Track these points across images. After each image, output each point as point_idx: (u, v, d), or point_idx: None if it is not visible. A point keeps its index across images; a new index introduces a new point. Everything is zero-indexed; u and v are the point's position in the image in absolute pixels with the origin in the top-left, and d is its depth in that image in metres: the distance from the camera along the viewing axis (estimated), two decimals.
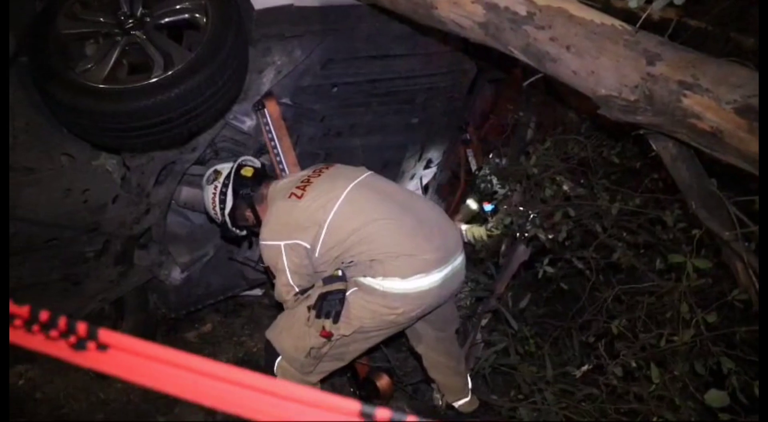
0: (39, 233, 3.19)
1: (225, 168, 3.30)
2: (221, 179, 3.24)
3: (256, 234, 3.23)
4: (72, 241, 3.35)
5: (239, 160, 3.33)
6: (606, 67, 2.37)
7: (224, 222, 3.27)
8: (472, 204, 5.72)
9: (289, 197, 3.06)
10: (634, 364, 2.87)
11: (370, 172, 3.32)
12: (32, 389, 3.62)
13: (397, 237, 2.99)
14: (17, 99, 2.87)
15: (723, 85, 2.08)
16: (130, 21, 2.89)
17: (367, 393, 3.71)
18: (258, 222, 3.24)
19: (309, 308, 3.02)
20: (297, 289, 3.06)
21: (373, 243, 2.97)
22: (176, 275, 4.05)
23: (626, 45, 2.34)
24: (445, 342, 3.59)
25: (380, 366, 3.81)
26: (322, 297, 2.99)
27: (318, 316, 2.98)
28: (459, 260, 3.18)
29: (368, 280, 2.98)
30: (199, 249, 4.13)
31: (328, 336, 3.00)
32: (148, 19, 2.92)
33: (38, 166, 2.97)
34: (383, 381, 3.71)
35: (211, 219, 3.45)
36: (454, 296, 3.41)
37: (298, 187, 3.10)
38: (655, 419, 2.81)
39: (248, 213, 3.27)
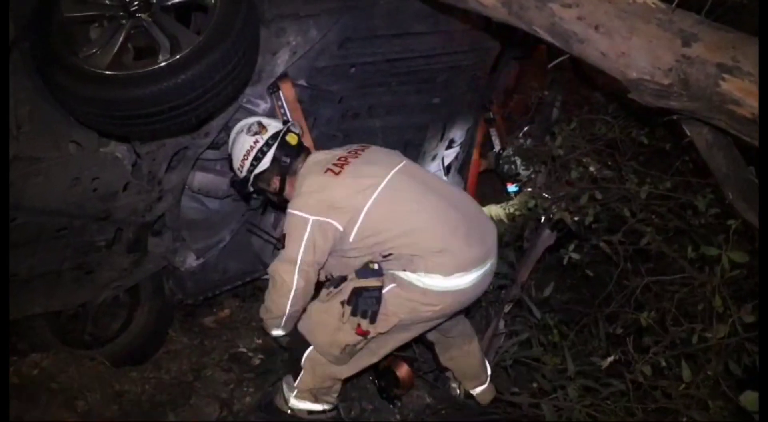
0: (49, 223, 3.11)
1: (272, 126, 3.09)
2: (265, 136, 3.03)
3: (271, 202, 3.12)
4: (83, 230, 3.28)
5: (288, 124, 3.14)
6: (637, 48, 2.22)
7: (245, 179, 3.08)
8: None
9: (326, 172, 2.90)
10: (663, 363, 2.73)
11: (407, 159, 3.16)
12: (47, 379, 3.56)
13: (442, 232, 2.85)
14: (21, 86, 2.76)
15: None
16: (136, 3, 2.76)
17: (387, 383, 3.62)
18: (280, 191, 3.10)
19: (343, 303, 2.91)
20: (299, 266, 2.88)
21: (418, 236, 2.83)
22: (191, 261, 3.97)
23: (660, 24, 2.18)
24: (458, 324, 3.48)
25: (400, 355, 3.70)
26: (356, 292, 2.87)
27: (353, 314, 2.87)
28: (495, 259, 3.04)
29: (408, 275, 2.84)
30: (215, 235, 4.04)
31: (364, 334, 2.90)
32: (154, 1, 2.80)
33: (45, 155, 2.87)
34: (403, 371, 3.61)
35: (230, 167, 3.25)
36: None
37: (335, 164, 2.94)
38: (684, 420, 2.66)
39: (275, 181, 3.08)
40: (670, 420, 2.79)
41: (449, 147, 5.12)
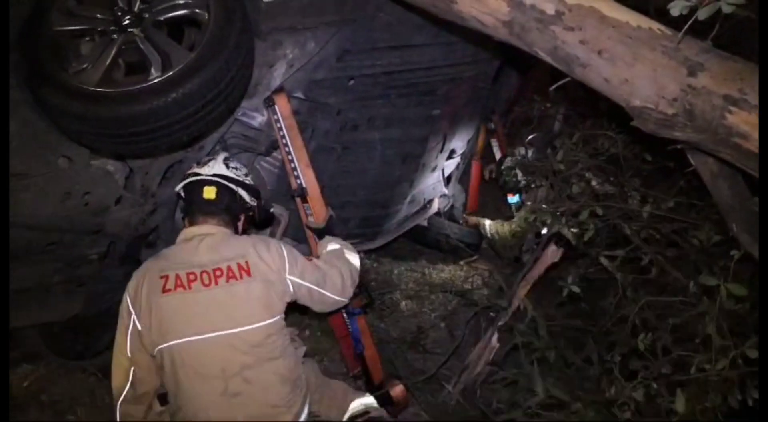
0: (38, 237, 3.06)
1: None
2: None
3: None
4: (74, 244, 3.22)
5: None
6: (642, 75, 2.14)
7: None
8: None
9: None
10: (654, 386, 2.65)
11: None
12: (38, 391, 3.54)
13: None
14: (10, 99, 2.70)
15: None
16: (128, 17, 2.68)
17: (382, 402, 3.56)
18: None
19: None
20: None
21: None
22: None
23: (665, 52, 2.10)
24: None
25: (393, 374, 3.65)
26: None
27: None
28: None
29: None
30: None
31: None
32: (146, 15, 2.72)
33: (33, 170, 2.81)
34: (397, 391, 3.56)
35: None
36: None
37: None
38: None
39: None
40: None
41: (449, 157, 5.06)
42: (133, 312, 2.63)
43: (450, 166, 5.17)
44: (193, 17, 2.80)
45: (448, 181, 5.27)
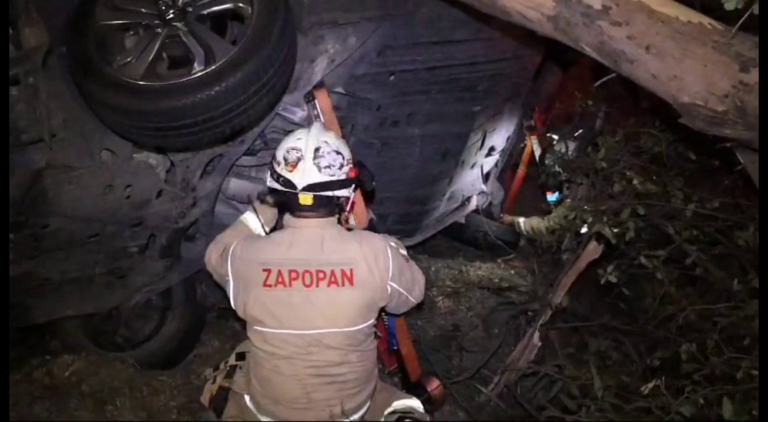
0: (81, 229, 3.12)
1: None
2: None
3: None
4: (115, 236, 3.27)
5: None
6: (691, 71, 2.10)
7: None
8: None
9: None
10: (702, 401, 2.57)
11: None
12: (78, 381, 3.57)
13: None
14: (56, 93, 2.74)
15: None
16: (172, 11, 2.71)
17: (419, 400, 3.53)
18: None
19: None
20: None
21: None
22: None
23: (716, 47, 2.06)
24: None
25: (428, 370, 3.62)
26: None
27: None
28: None
29: None
30: None
31: None
32: (190, 9, 2.74)
33: (77, 163, 2.86)
34: (434, 386, 3.53)
35: None
36: None
37: None
38: None
39: None
40: None
41: (489, 154, 5.01)
42: (231, 280, 2.77)
43: (489, 162, 5.13)
44: (236, 11, 2.81)
45: (486, 178, 5.22)
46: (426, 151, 4.23)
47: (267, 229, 3.07)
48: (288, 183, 2.66)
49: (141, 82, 2.58)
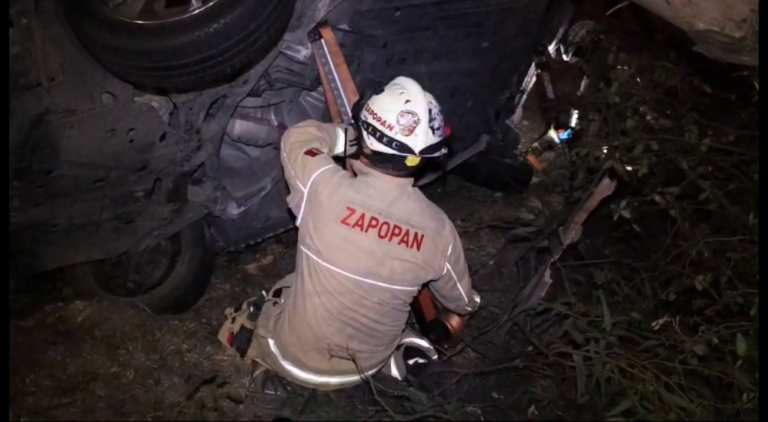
0: (85, 174, 3.09)
1: None
2: None
3: None
4: (120, 181, 3.24)
5: None
6: None
7: None
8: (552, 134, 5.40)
9: None
10: (716, 341, 2.54)
11: None
12: (91, 326, 3.59)
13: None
14: (52, 36, 2.67)
15: None
16: None
17: (437, 337, 3.52)
18: None
19: None
20: None
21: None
22: (232, 210, 3.95)
23: None
24: None
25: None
26: None
27: None
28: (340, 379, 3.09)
29: None
30: (256, 183, 4.00)
31: None
32: None
33: (78, 107, 2.82)
34: (454, 322, 3.51)
35: None
36: None
37: None
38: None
39: None
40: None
41: (499, 92, 4.91)
42: (306, 195, 2.80)
43: (500, 101, 5.03)
44: None
45: (497, 116, 5.13)
46: (434, 89, 4.12)
47: (342, 153, 3.14)
48: (404, 147, 2.67)
49: (138, 21, 2.52)
